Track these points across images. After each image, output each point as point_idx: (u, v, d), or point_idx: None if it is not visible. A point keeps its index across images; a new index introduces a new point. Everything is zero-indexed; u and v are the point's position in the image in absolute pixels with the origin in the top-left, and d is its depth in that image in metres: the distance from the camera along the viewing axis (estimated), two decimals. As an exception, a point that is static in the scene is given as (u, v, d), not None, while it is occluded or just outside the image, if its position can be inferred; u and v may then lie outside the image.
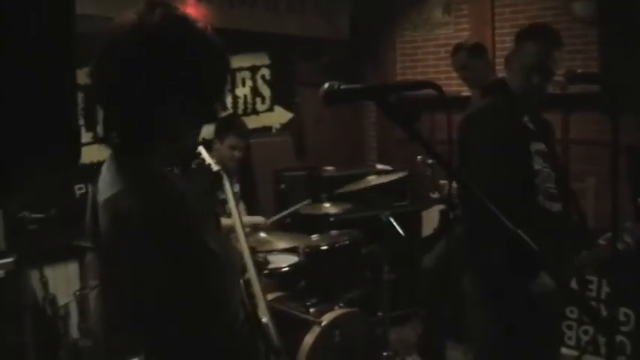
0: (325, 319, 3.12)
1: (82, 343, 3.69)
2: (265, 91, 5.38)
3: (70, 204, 3.89)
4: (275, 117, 5.48)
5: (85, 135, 3.83)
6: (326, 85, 1.25)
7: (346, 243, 3.62)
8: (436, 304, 4.14)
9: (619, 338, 3.73)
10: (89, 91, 1.31)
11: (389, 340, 3.75)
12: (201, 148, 2.87)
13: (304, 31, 5.42)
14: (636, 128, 3.30)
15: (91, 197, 1.38)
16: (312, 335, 3.05)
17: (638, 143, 3.42)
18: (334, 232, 3.86)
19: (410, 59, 5.76)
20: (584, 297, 3.82)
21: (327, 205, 4.11)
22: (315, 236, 3.77)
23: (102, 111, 1.34)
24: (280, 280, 3.52)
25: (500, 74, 2.77)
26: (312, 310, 3.21)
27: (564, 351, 3.82)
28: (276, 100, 5.45)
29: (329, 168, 4.96)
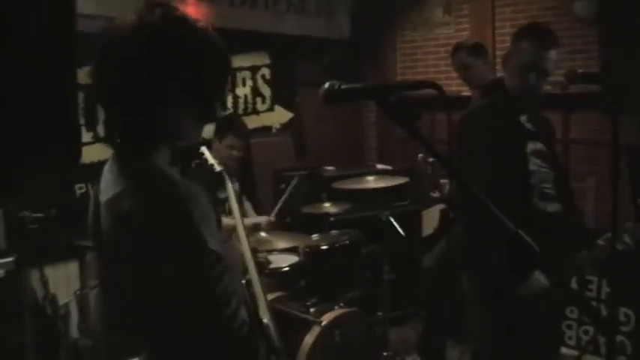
0: (325, 319, 3.11)
1: (82, 343, 3.69)
2: (265, 91, 5.38)
3: (71, 203, 3.89)
4: (275, 117, 5.48)
5: (86, 135, 3.84)
6: (326, 85, 1.25)
7: (346, 243, 3.61)
8: (436, 304, 4.13)
9: (619, 338, 3.73)
10: (90, 91, 1.31)
11: (389, 340, 3.75)
12: (204, 149, 2.86)
13: (304, 31, 5.42)
14: (636, 128, 3.29)
15: (93, 197, 1.39)
16: (312, 335, 3.05)
17: (638, 143, 3.41)
18: (334, 232, 3.86)
19: (410, 59, 5.76)
20: (584, 297, 3.81)
21: (327, 205, 4.11)
22: (315, 236, 3.77)
23: (102, 111, 1.34)
24: (280, 280, 3.52)
25: (500, 74, 2.77)
26: (312, 310, 3.21)
27: (564, 351, 3.82)
28: (276, 100, 5.45)
29: (329, 168, 4.96)
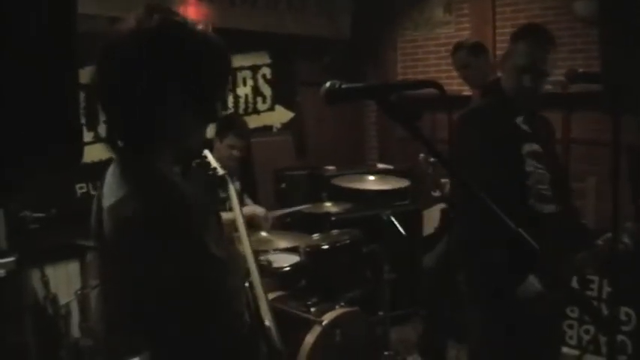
0: (326, 319, 3.11)
1: (83, 343, 3.69)
2: (266, 91, 5.38)
3: (71, 203, 3.90)
4: (276, 116, 5.48)
5: (87, 135, 3.84)
6: (327, 84, 1.25)
7: (347, 242, 3.61)
8: (437, 304, 4.13)
9: (620, 338, 3.73)
10: (90, 91, 1.31)
11: (390, 340, 3.75)
12: (207, 152, 2.85)
13: (305, 31, 5.42)
14: (637, 128, 3.29)
15: (96, 202, 1.39)
16: (312, 335, 3.05)
17: (638, 143, 3.41)
18: (335, 232, 3.86)
19: (411, 58, 5.76)
20: (585, 296, 3.81)
21: (328, 205, 4.11)
22: (315, 235, 3.77)
23: (103, 111, 1.34)
24: (281, 280, 3.52)
25: (500, 74, 2.76)
26: (312, 310, 3.20)
27: (565, 350, 3.81)
28: (277, 100, 5.45)
29: (330, 167, 4.96)
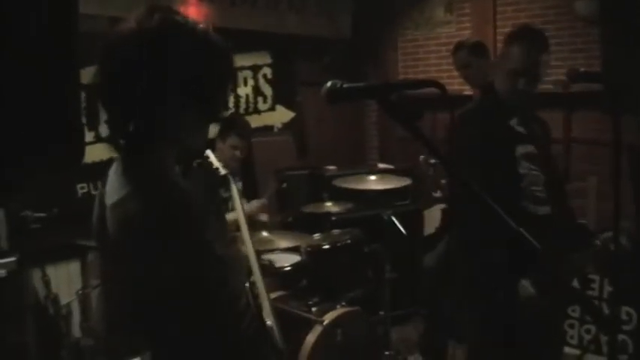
0: (327, 318, 3.11)
1: (84, 343, 3.69)
2: (267, 91, 5.38)
3: (72, 203, 3.90)
4: (277, 116, 5.48)
5: (88, 134, 3.84)
6: (328, 84, 1.25)
7: (348, 242, 3.61)
8: (438, 304, 4.13)
9: (621, 337, 3.72)
10: (91, 91, 1.31)
11: (391, 339, 3.75)
12: (209, 152, 2.86)
13: (306, 30, 5.42)
14: (638, 127, 3.29)
15: (99, 200, 1.38)
16: (314, 334, 3.05)
17: (639, 143, 3.41)
18: (336, 231, 3.86)
19: (411, 58, 5.76)
20: (586, 296, 3.81)
21: (329, 204, 4.11)
22: (316, 235, 3.77)
23: (104, 111, 1.34)
24: (282, 280, 3.52)
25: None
26: (314, 310, 3.21)
27: (566, 350, 3.80)
28: (277, 100, 5.45)
29: (331, 167, 4.96)
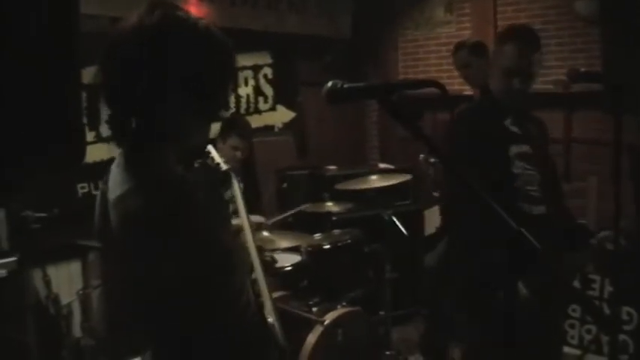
0: (328, 319, 3.11)
1: (85, 342, 3.69)
2: (268, 91, 5.38)
3: (73, 203, 3.90)
4: (277, 116, 5.48)
5: (88, 134, 3.84)
6: (329, 84, 1.25)
7: (348, 242, 3.61)
8: (438, 303, 4.13)
9: (622, 337, 3.72)
10: (92, 91, 1.31)
11: (391, 340, 3.75)
12: (210, 148, 2.86)
13: (306, 30, 5.42)
14: (638, 127, 3.29)
15: (101, 195, 1.39)
16: (314, 334, 3.05)
17: (640, 142, 3.41)
18: (336, 231, 3.86)
19: (412, 58, 5.76)
20: (586, 296, 3.81)
21: (330, 204, 4.11)
22: (317, 235, 3.77)
23: (105, 110, 1.34)
24: (283, 280, 3.52)
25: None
26: (314, 310, 3.20)
27: (567, 350, 3.81)
28: (278, 100, 5.45)
29: (331, 167, 4.96)
